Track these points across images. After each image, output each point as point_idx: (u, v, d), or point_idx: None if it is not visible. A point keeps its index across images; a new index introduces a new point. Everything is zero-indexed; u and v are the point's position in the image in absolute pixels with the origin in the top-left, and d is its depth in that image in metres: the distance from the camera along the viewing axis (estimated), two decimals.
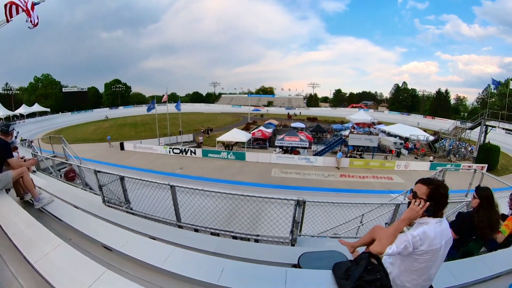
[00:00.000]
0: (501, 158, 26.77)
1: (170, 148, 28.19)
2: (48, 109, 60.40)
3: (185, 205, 4.53)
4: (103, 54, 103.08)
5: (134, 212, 4.87)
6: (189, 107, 74.05)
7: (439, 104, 69.81)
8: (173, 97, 75.99)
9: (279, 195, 3.92)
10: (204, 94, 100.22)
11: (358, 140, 26.60)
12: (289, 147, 27.64)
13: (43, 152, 11.11)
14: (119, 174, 4.94)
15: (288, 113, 69.06)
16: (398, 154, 28.66)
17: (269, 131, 33.73)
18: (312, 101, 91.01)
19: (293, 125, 41.30)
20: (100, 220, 3.48)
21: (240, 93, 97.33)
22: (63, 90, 71.28)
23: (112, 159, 25.50)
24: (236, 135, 29.69)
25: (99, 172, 5.08)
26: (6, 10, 6.58)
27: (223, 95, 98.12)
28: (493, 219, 3.31)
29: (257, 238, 4.16)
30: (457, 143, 29.98)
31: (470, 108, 73.33)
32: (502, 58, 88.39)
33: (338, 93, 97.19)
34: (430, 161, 25.92)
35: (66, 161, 10.63)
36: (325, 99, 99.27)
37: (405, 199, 7.18)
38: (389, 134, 36.05)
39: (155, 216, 4.58)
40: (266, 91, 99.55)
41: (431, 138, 32.89)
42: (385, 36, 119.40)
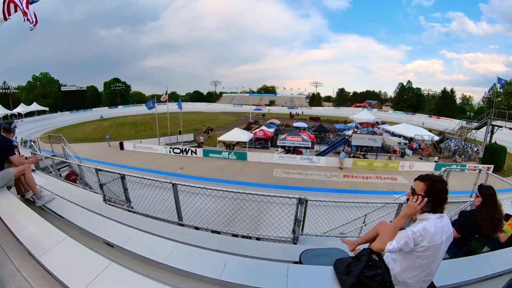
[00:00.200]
0: (508, 158, 26.65)
1: (170, 147, 28.28)
2: (47, 108, 60.58)
3: (185, 205, 4.58)
4: (102, 52, 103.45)
5: (135, 211, 4.93)
6: (190, 106, 74.16)
7: (445, 104, 69.67)
8: (173, 96, 76.17)
9: (280, 194, 3.97)
10: (205, 93, 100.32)
11: (361, 140, 26.60)
12: (291, 147, 27.67)
13: (42, 152, 11.20)
14: (120, 173, 5.01)
15: (290, 112, 69.14)
16: (402, 155, 28.63)
17: (271, 130, 33.79)
18: (315, 100, 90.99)
19: (295, 124, 41.32)
20: (101, 217, 3.54)
21: (241, 92, 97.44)
22: (62, 89, 71.46)
23: (111, 158, 25.60)
24: (238, 134, 29.72)
25: (100, 170, 5.15)
26: (4, 7, 6.61)
27: (224, 94, 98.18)
28: (495, 218, 3.33)
29: (258, 236, 4.21)
30: (463, 143, 29.90)
31: (476, 107, 73.04)
32: (508, 57, 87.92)
33: (341, 92, 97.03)
34: (435, 161, 25.85)
35: (66, 160, 10.71)
36: (328, 98, 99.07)
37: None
38: (393, 134, 36.01)
39: (156, 215, 4.63)
40: (268, 90, 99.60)
41: (436, 138, 32.81)
42: (389, 34, 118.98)
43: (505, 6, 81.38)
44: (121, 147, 30.18)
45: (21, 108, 53.55)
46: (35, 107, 57.26)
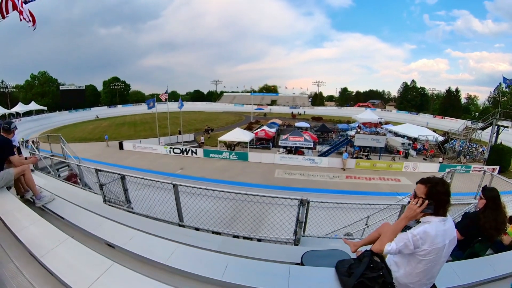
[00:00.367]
0: None
1: (170, 148, 28.34)
2: (45, 108, 60.74)
3: (186, 206, 4.61)
4: (102, 51, 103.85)
5: (135, 212, 4.97)
6: (190, 106, 74.19)
7: (449, 103, 69.44)
8: (173, 96, 76.30)
9: (282, 195, 3.99)
10: (206, 93, 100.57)
11: (364, 141, 26.55)
12: (293, 147, 27.68)
13: (40, 151, 11.27)
14: (120, 173, 5.05)
15: (292, 112, 69.15)
16: (406, 155, 28.61)
17: (273, 130, 33.75)
18: (317, 100, 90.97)
19: (297, 124, 41.34)
20: (102, 218, 3.58)
21: (242, 92, 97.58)
22: (61, 88, 71.65)
23: (111, 159, 25.66)
24: (239, 134, 29.74)
25: (100, 171, 5.19)
26: (1, 6, 6.63)
27: (225, 94, 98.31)
28: (499, 220, 3.33)
29: (260, 238, 4.25)
30: (468, 144, 29.85)
31: (481, 107, 72.95)
32: None
33: (344, 91, 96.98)
34: (440, 162, 25.77)
35: (65, 160, 10.77)
36: (330, 98, 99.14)
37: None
38: (396, 134, 36.01)
39: (156, 216, 4.67)
40: (269, 89, 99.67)
41: (441, 138, 32.78)
42: (393, 33, 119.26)
43: (511, 4, 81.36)
44: (121, 147, 30.24)
45: (19, 108, 53.71)
46: (33, 106, 57.45)
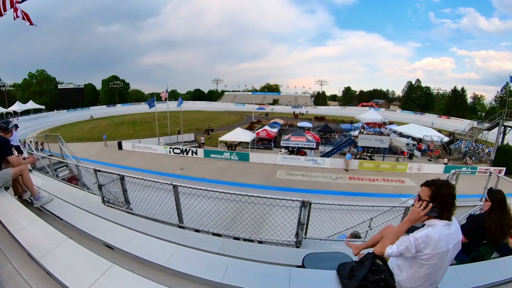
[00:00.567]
0: None
1: (170, 148, 28.41)
2: (43, 107, 60.96)
3: (186, 207, 4.63)
4: (101, 49, 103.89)
5: (135, 213, 4.99)
6: (190, 105, 74.36)
7: (455, 103, 69.29)
8: (173, 95, 76.34)
9: (283, 196, 4.00)
10: (206, 92, 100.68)
11: (368, 141, 26.55)
12: (295, 147, 27.70)
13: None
14: (119, 174, 5.07)
15: (294, 111, 69.07)
16: (411, 156, 28.57)
17: (274, 130, 33.78)
18: (320, 99, 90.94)
19: (299, 124, 41.42)
20: (101, 219, 3.60)
21: (244, 91, 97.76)
22: (59, 86, 71.96)
23: (109, 159, 25.77)
24: (240, 134, 29.77)
25: (98, 171, 5.21)
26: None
27: (226, 93, 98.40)
28: (505, 223, 3.32)
29: (261, 240, 4.25)
30: (474, 144, 29.76)
31: (487, 107, 72.71)
32: None
33: (348, 91, 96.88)
34: (445, 163, 25.75)
35: (63, 160, 10.82)
36: (333, 97, 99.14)
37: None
38: (401, 135, 35.97)
39: (156, 217, 4.68)
40: (271, 88, 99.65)
41: (446, 139, 32.70)
42: (397, 30, 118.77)
43: None
44: (120, 147, 30.31)
45: (17, 106, 54.01)
46: (31, 105, 57.69)
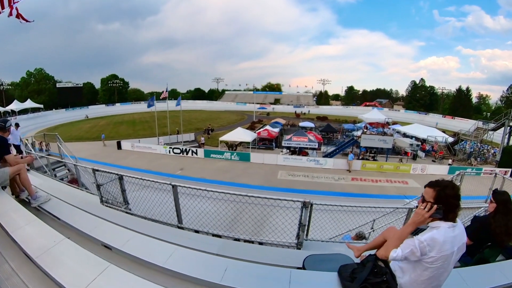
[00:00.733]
0: None
1: (170, 147, 28.44)
2: (41, 106, 61.12)
3: (185, 208, 4.63)
4: (100, 48, 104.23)
5: (133, 213, 5.00)
6: (191, 105, 74.50)
7: (460, 103, 69.17)
8: (173, 94, 76.35)
9: (284, 197, 3.99)
10: (207, 91, 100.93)
11: (371, 141, 26.47)
12: (297, 148, 27.70)
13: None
14: (118, 173, 5.08)
15: (295, 111, 69.05)
16: (414, 157, 28.47)
17: (276, 130, 33.80)
18: (322, 98, 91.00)
19: (301, 124, 41.41)
20: (99, 219, 3.61)
21: (245, 90, 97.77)
22: (57, 85, 72.11)
23: (108, 158, 25.81)
24: (241, 134, 29.80)
25: (97, 171, 5.23)
26: None
27: (226, 92, 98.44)
28: (510, 225, 3.29)
29: (261, 241, 4.26)
30: (479, 145, 29.67)
31: (493, 107, 72.57)
32: None
33: (350, 90, 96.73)
34: (449, 164, 25.69)
35: (61, 159, 10.85)
36: (336, 97, 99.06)
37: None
38: (404, 135, 35.88)
39: (154, 218, 4.69)
40: (273, 87, 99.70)
41: (450, 139, 32.64)
42: (401, 29, 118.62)
43: None
44: (119, 146, 30.35)
45: (15, 105, 54.17)
46: (29, 104, 57.85)
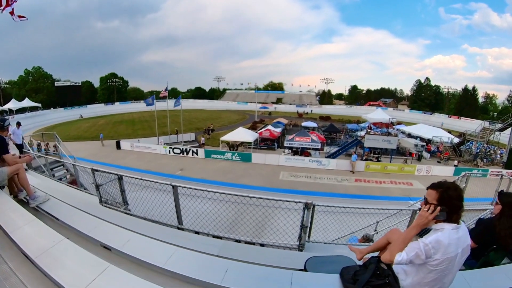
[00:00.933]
0: None
1: (170, 147, 28.50)
2: (39, 104, 61.15)
3: (185, 208, 4.65)
4: (99, 46, 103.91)
5: (133, 214, 5.02)
6: (191, 104, 74.56)
7: (466, 103, 68.92)
8: (173, 93, 76.42)
9: (286, 198, 4.00)
10: (207, 90, 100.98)
11: (375, 142, 26.42)
12: (299, 148, 27.67)
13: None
14: (117, 174, 5.10)
15: (298, 111, 69.13)
16: (419, 158, 28.42)
17: (278, 130, 33.80)
18: (325, 98, 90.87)
19: (304, 124, 41.32)
20: (98, 219, 3.63)
21: (246, 89, 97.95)
22: (56, 84, 72.27)
23: (107, 158, 25.91)
24: (242, 134, 29.82)
25: (96, 171, 5.25)
26: None
27: (228, 91, 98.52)
28: None
29: (262, 242, 4.27)
30: (485, 146, 29.60)
31: (500, 107, 72.28)
32: None
33: (354, 89, 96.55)
34: (455, 165, 25.64)
35: (60, 159, 10.90)
36: (339, 96, 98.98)
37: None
38: (409, 135, 35.77)
39: (154, 219, 4.71)
40: (275, 86, 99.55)
41: (456, 140, 32.55)
42: (406, 27, 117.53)
43: None
44: (118, 146, 30.42)
45: (12, 104, 54.23)
46: (27, 103, 57.86)
